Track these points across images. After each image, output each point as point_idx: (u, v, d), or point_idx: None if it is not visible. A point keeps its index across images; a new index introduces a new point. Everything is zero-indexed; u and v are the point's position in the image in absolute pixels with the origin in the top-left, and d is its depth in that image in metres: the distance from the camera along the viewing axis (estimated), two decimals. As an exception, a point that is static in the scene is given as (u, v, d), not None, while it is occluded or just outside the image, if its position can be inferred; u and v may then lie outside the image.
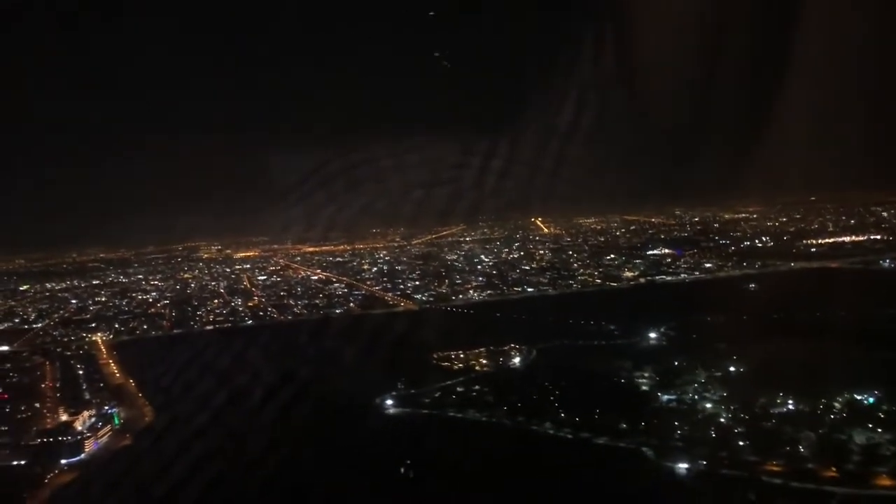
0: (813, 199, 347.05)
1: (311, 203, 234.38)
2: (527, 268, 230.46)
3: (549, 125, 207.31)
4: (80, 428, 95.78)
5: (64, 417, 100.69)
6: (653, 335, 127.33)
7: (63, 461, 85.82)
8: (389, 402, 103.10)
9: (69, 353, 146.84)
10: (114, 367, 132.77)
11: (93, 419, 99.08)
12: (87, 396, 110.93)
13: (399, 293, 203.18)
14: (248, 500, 76.10)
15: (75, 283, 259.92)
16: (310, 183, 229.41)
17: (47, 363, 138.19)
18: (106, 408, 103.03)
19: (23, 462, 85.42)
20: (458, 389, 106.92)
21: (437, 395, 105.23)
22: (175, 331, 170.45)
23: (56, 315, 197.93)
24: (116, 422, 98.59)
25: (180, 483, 78.15)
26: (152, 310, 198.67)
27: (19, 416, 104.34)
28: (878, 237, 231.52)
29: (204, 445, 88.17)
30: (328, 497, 75.97)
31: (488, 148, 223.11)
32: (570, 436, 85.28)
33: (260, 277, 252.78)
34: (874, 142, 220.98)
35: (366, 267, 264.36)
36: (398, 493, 76.27)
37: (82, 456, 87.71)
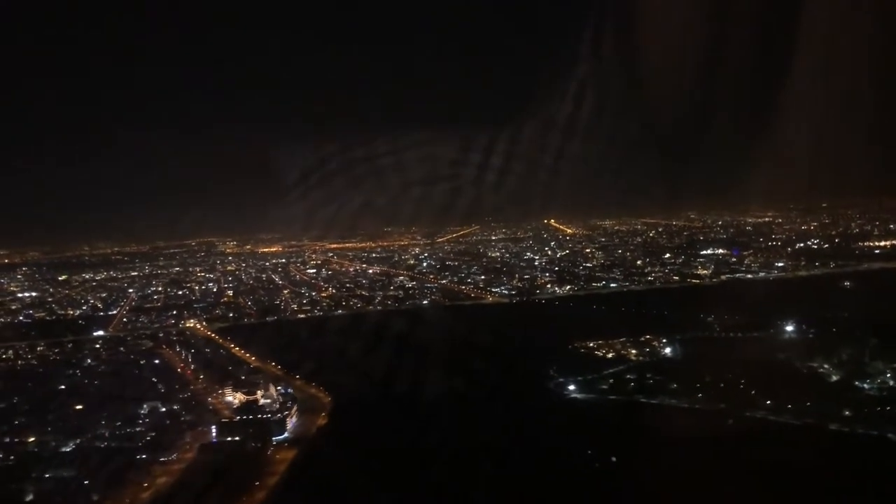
0: (824, 205, 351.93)
1: (314, 201, 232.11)
2: (588, 265, 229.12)
3: (552, 132, 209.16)
4: (268, 408, 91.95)
5: (237, 397, 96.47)
6: (790, 328, 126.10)
7: (272, 438, 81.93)
8: (571, 387, 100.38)
9: (176, 339, 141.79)
10: (241, 351, 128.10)
11: (271, 399, 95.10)
12: (243, 377, 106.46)
13: (472, 286, 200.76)
14: (469, 471, 72.94)
15: (112, 273, 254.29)
16: (312, 182, 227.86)
17: (164, 347, 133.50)
18: (280, 388, 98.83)
19: (236, 438, 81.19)
20: (629, 377, 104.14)
21: (611, 381, 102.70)
22: (267, 318, 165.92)
23: (123, 304, 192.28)
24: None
25: (407, 458, 75.94)
26: (223, 299, 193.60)
27: (184, 396, 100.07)
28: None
29: (407, 423, 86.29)
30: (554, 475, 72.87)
31: (492, 150, 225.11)
32: (796, 422, 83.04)
33: (309, 271, 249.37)
34: (874, 150, 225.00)
35: (412, 262, 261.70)
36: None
37: (286, 434, 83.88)
